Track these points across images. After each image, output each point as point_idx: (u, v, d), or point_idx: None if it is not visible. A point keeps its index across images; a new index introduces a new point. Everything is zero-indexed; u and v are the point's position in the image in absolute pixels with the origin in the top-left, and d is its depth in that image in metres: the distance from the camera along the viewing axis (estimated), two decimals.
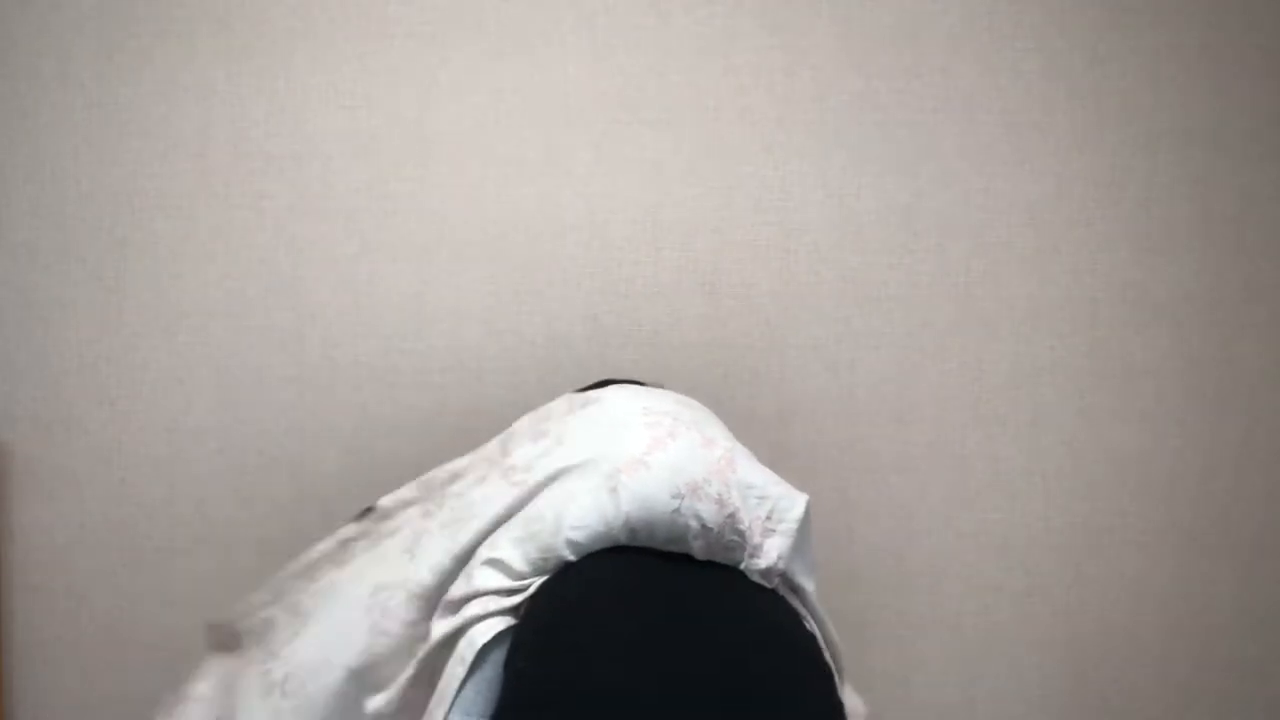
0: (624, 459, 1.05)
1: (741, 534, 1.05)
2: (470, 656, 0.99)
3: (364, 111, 1.48)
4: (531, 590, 1.01)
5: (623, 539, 1.03)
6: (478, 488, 1.13)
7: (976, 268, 1.52)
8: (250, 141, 1.48)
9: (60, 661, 1.52)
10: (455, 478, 1.18)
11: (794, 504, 1.08)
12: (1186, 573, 1.55)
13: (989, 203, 1.51)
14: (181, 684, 1.22)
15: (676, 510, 1.03)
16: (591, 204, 1.50)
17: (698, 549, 1.04)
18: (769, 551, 1.06)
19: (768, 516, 1.07)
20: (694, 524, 1.03)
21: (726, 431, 1.18)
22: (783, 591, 1.07)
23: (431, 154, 1.49)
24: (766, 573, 1.06)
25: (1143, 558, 1.55)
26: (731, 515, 1.04)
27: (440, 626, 1.03)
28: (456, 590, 1.04)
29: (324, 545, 1.21)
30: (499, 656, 0.99)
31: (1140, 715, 1.57)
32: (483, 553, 1.04)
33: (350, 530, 1.21)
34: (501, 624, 1.00)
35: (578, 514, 1.02)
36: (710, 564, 1.05)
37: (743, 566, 1.06)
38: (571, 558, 1.02)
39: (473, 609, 1.02)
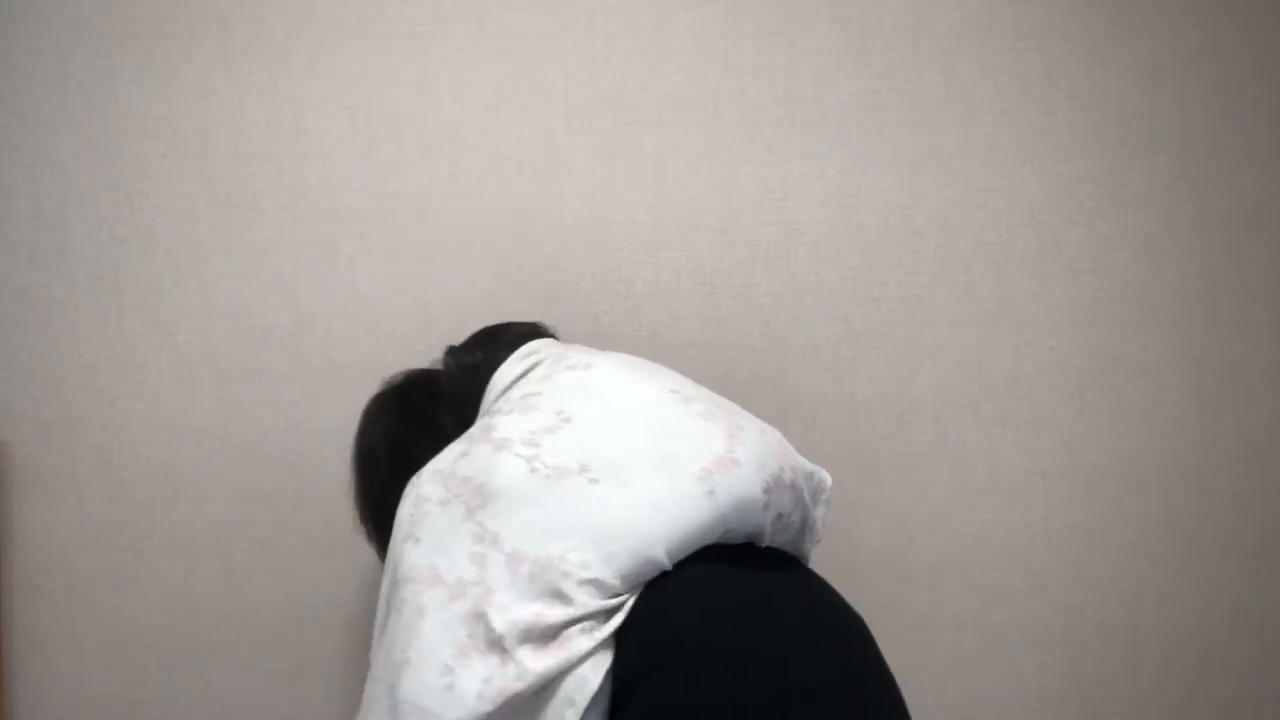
0: (711, 458, 1.00)
1: (805, 512, 1.06)
2: (583, 701, 0.90)
3: (364, 111, 1.48)
4: (629, 608, 0.94)
5: (713, 540, 0.99)
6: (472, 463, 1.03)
7: (976, 268, 1.52)
8: (250, 141, 1.48)
9: (60, 661, 1.51)
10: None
11: (824, 475, 1.11)
12: (1186, 573, 1.55)
13: (989, 203, 1.51)
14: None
15: (766, 505, 1.01)
16: (591, 204, 1.50)
17: (766, 536, 1.03)
18: (819, 525, 1.09)
19: (815, 491, 1.09)
20: (773, 514, 1.02)
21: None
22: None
23: (431, 154, 1.49)
24: (815, 545, 1.09)
25: (1143, 558, 1.55)
26: (799, 498, 1.05)
27: (541, 660, 0.90)
28: (553, 614, 0.92)
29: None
30: (607, 687, 0.91)
31: (1140, 715, 1.57)
32: (573, 572, 0.93)
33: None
34: (607, 658, 0.92)
35: (675, 521, 0.96)
36: (769, 549, 1.05)
37: (805, 545, 1.08)
38: (669, 566, 0.96)
39: (579, 642, 0.91)
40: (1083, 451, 1.54)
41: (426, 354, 1.50)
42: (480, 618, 0.92)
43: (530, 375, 1.13)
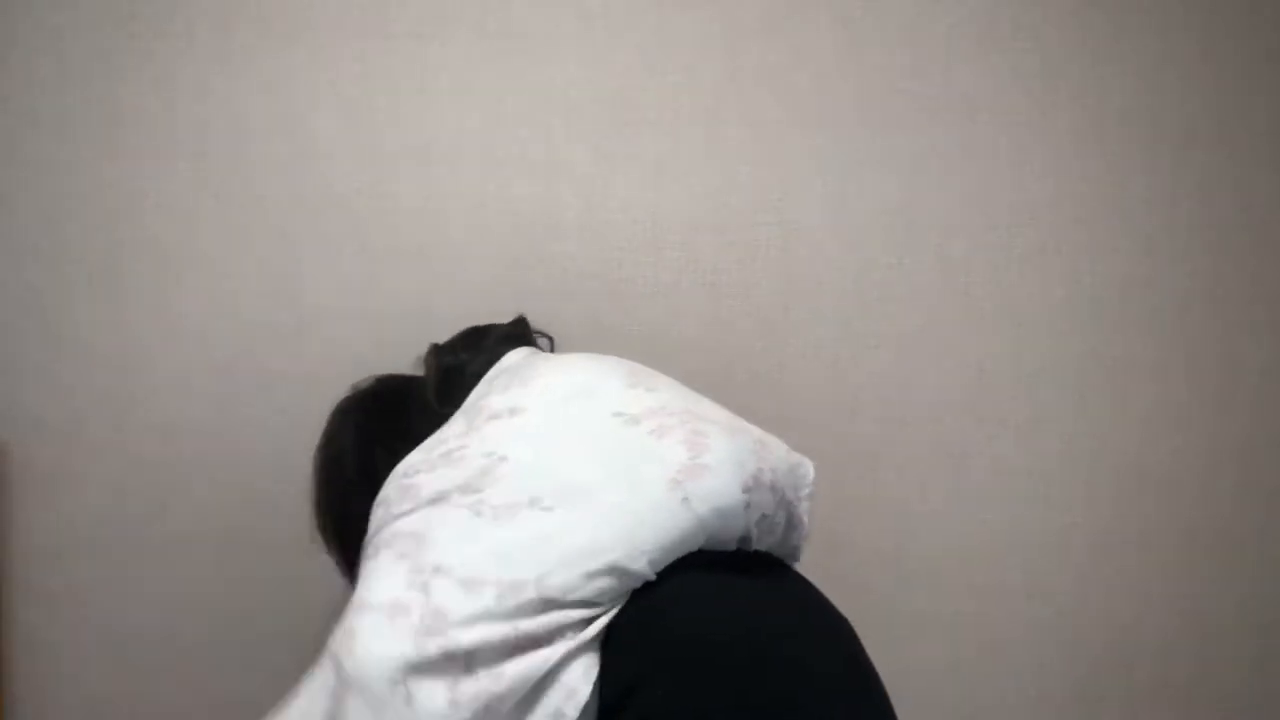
0: (676, 468, 0.97)
1: (789, 509, 1.05)
2: (574, 713, 0.88)
3: (364, 111, 1.48)
4: (614, 613, 0.93)
5: (696, 546, 0.97)
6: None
7: (976, 268, 1.52)
8: (250, 141, 1.48)
9: (60, 661, 1.51)
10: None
11: (806, 467, 1.08)
12: (1186, 573, 1.55)
13: (989, 203, 1.51)
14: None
15: (747, 505, 0.98)
16: (591, 204, 1.50)
17: (754, 539, 1.02)
18: (805, 519, 1.07)
19: (797, 485, 1.06)
20: (756, 515, 1.00)
21: (689, 391, 1.13)
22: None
23: (431, 154, 1.49)
24: (804, 539, 1.07)
25: (1143, 558, 1.55)
26: (781, 498, 1.03)
27: (520, 665, 0.88)
28: (529, 625, 0.90)
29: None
30: (595, 698, 0.89)
31: (1140, 715, 1.57)
32: (556, 596, 0.91)
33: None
34: (594, 668, 0.90)
35: (655, 532, 0.94)
36: (756, 554, 1.04)
37: (793, 542, 1.07)
38: (653, 577, 0.94)
39: (557, 647, 0.89)
40: (1083, 451, 1.54)
41: None
42: (441, 640, 0.89)
43: (452, 427, 1.09)
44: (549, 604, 0.90)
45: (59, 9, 1.46)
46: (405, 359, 1.50)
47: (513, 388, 1.11)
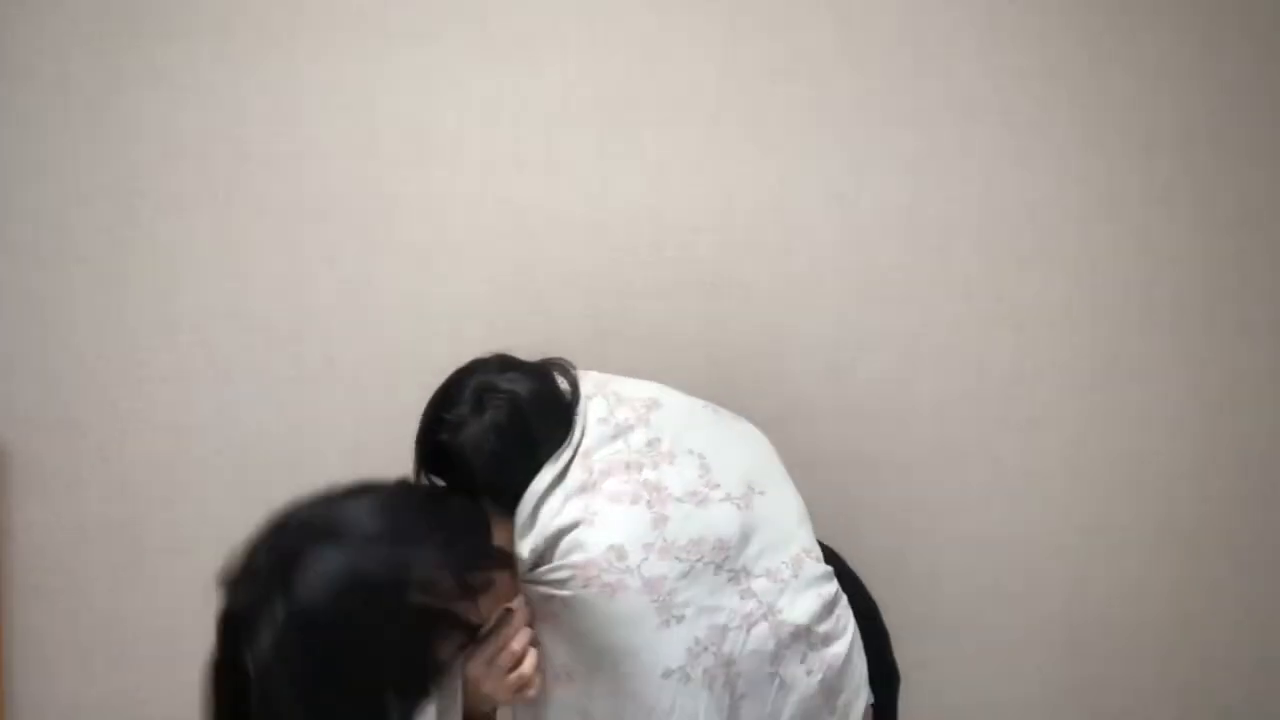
0: None
1: None
2: None
3: (364, 111, 1.48)
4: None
5: None
6: None
7: (976, 268, 1.52)
8: (250, 141, 1.48)
9: (60, 661, 1.51)
10: None
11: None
12: (1186, 573, 1.55)
13: (989, 203, 1.51)
14: None
15: None
16: (591, 204, 1.50)
17: None
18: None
19: None
20: None
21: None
22: None
23: (431, 154, 1.49)
24: None
25: (1143, 558, 1.55)
26: None
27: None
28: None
29: None
30: None
31: (1140, 716, 1.57)
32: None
33: None
34: None
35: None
36: None
37: None
38: None
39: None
40: (1083, 452, 1.54)
41: (426, 354, 1.50)
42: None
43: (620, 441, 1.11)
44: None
45: (60, 11, 1.46)
46: (405, 359, 1.50)
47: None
